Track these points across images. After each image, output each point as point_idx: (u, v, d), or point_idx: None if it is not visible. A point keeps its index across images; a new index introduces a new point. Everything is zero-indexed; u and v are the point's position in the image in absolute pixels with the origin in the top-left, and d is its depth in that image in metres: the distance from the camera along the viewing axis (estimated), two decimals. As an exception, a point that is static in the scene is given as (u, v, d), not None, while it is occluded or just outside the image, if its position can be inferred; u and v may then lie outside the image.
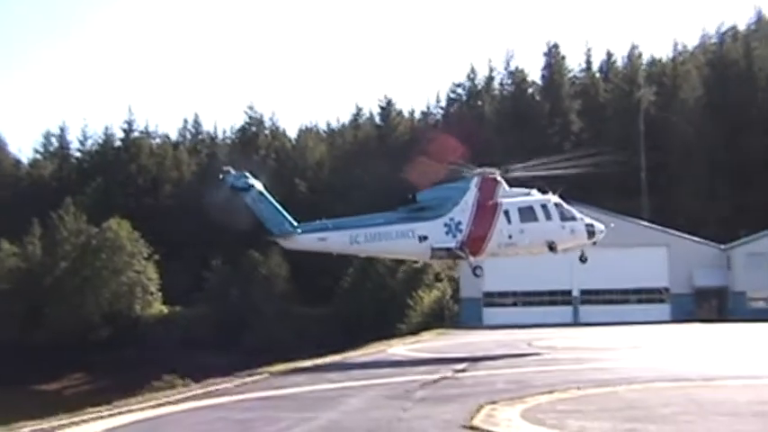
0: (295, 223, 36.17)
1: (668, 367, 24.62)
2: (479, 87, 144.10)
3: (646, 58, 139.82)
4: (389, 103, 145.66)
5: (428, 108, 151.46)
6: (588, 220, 37.73)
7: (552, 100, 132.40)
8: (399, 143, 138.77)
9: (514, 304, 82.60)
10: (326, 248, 38.54)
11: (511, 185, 37.83)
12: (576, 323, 77.08)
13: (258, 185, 36.18)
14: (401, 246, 36.29)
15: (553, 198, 37.04)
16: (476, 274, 38.28)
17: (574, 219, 36.87)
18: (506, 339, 46.59)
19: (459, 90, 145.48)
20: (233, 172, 36.22)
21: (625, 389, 19.04)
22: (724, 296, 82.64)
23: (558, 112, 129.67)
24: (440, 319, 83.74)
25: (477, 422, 14.26)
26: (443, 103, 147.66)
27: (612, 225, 40.38)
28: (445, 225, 35.69)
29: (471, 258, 36.40)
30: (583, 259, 38.16)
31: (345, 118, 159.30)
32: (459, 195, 36.43)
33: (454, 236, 35.61)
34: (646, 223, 69.19)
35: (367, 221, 36.91)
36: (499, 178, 37.21)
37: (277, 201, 36.61)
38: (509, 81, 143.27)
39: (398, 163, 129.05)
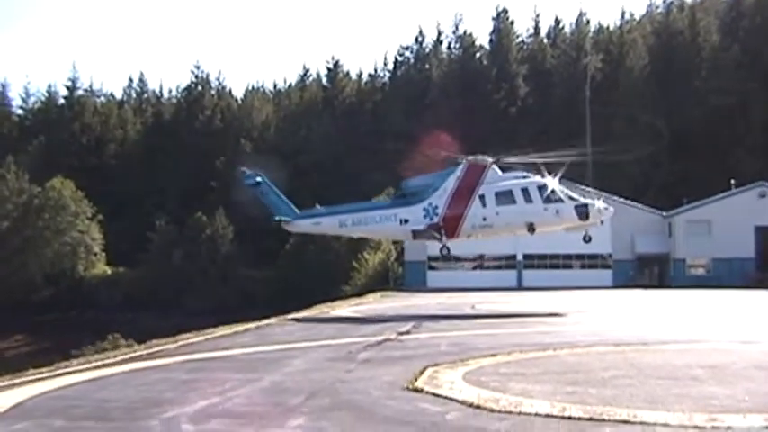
0: (297, 211, 42.67)
1: (609, 332, 24.89)
2: (427, 50, 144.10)
3: (593, 26, 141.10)
4: (336, 64, 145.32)
5: (375, 70, 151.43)
6: (583, 202, 39.00)
7: (500, 64, 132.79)
8: (346, 105, 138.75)
9: (459, 268, 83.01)
10: (320, 231, 47.22)
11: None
12: (519, 287, 77.81)
13: (266, 181, 43.10)
14: (385, 228, 41.09)
15: (546, 181, 38.91)
16: (442, 253, 41.78)
17: (560, 201, 38.47)
18: (450, 302, 46.88)
19: (407, 53, 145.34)
20: (247, 172, 43.62)
21: (567, 353, 19.22)
22: (665, 263, 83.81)
23: (505, 77, 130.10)
24: (384, 281, 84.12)
25: (419, 384, 14.33)
26: (391, 66, 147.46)
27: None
28: (424, 209, 39.51)
29: (445, 239, 39.73)
30: (586, 239, 40.00)
31: (292, 78, 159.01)
32: (441, 183, 39.90)
33: (431, 219, 39.32)
34: (590, 189, 69.83)
35: (355, 207, 42.34)
36: (490, 165, 39.71)
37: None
38: (457, 45, 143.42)
39: (344, 124, 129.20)
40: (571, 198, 38.89)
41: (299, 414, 11.92)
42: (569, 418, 11.16)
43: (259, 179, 43.17)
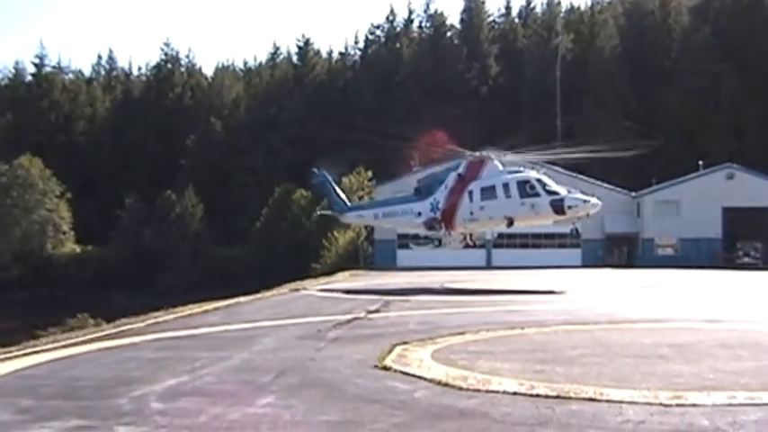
0: (349, 204, 51.00)
1: (577, 311, 25.07)
2: (398, 29, 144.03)
3: (564, 6, 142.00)
4: (307, 42, 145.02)
5: (346, 49, 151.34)
6: (559, 197, 39.87)
7: (471, 44, 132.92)
8: (316, 83, 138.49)
9: (428, 246, 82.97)
10: (363, 222, 58.31)
11: None
12: (488, 266, 78.02)
13: (329, 179, 51.38)
14: (405, 220, 46.06)
15: (534, 174, 41.00)
16: (434, 244, 49.33)
17: (536, 195, 39.97)
18: (419, 281, 47.02)
19: (378, 32, 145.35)
20: (316, 171, 52.72)
21: (535, 331, 19.34)
22: (633, 243, 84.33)
23: (476, 57, 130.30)
24: (354, 260, 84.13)
25: (388, 362, 14.39)
26: (362, 44, 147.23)
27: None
28: (430, 204, 43.58)
29: (443, 231, 44.04)
30: (572, 232, 44.48)
31: (263, 56, 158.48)
32: (445, 178, 43.78)
33: (435, 212, 43.33)
34: (560, 169, 69.73)
35: (386, 202, 49.52)
36: (491, 159, 42.69)
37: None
38: (428, 24, 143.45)
39: (315, 103, 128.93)
40: (550, 193, 39.79)
41: (269, 392, 11.95)
42: (537, 395, 11.25)
43: (321, 179, 51.88)
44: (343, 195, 51.56)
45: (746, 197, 78.88)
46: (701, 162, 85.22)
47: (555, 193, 39.73)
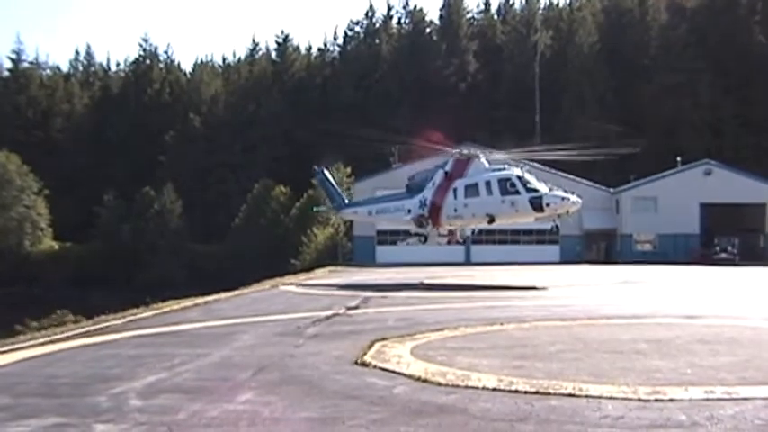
0: (346, 201, 52.88)
1: (556, 307, 25.17)
2: (377, 25, 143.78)
3: (543, 3, 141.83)
4: (286, 38, 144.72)
5: (325, 45, 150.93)
6: (538, 194, 39.86)
7: (450, 40, 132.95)
8: (295, 80, 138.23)
9: (407, 243, 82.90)
10: (357, 218, 56.99)
11: None
12: (468, 263, 78.10)
13: (327, 176, 53.56)
14: (397, 217, 46.69)
15: (516, 172, 41.09)
16: (419, 240, 48.57)
17: (517, 193, 40.06)
18: (399, 277, 47.02)
19: (357, 28, 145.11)
20: (316, 168, 55.24)
21: (514, 327, 19.41)
22: (612, 239, 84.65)
23: (455, 53, 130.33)
24: (333, 256, 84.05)
25: (367, 358, 14.42)
26: (340, 41, 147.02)
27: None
28: (419, 201, 44.10)
29: (429, 227, 44.69)
30: (552, 230, 43.80)
31: (241, 52, 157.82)
32: (434, 176, 44.07)
33: (423, 209, 43.85)
34: (538, 165, 69.77)
35: (380, 199, 50.31)
36: (478, 157, 42.91)
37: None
38: (407, 20, 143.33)
39: (294, 99, 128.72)
40: (530, 190, 39.82)
41: (248, 389, 11.95)
42: (516, 391, 11.30)
43: (321, 176, 54.06)
44: (341, 192, 53.87)
45: (724, 193, 79.40)
46: (679, 158, 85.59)
47: (535, 190, 39.76)
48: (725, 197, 79.46)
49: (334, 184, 54.27)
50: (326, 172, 54.39)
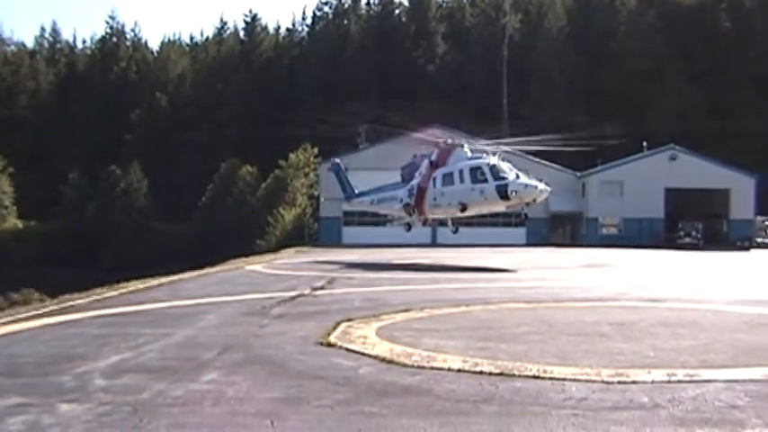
0: (355, 192, 55.24)
1: (521, 289, 25.28)
2: (346, 6, 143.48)
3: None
4: (254, 18, 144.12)
5: (293, 25, 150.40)
6: (504, 182, 40.09)
7: (418, 22, 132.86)
8: (263, 59, 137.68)
9: (374, 224, 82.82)
10: (362, 208, 57.87)
11: None
12: (434, 244, 78.18)
13: (341, 169, 57.47)
14: (392, 206, 48.83)
15: (489, 161, 41.61)
16: (405, 228, 50.40)
17: (485, 181, 40.54)
18: (365, 258, 47.08)
19: (326, 8, 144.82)
20: (333, 161, 60.17)
21: (479, 309, 19.47)
22: (578, 222, 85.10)
23: (423, 35, 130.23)
24: (300, 237, 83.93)
25: (332, 339, 14.43)
26: (309, 21, 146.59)
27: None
28: (408, 190, 45.90)
29: (415, 215, 46.60)
30: (521, 216, 46.56)
31: (209, 31, 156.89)
32: (421, 166, 45.42)
33: (410, 198, 45.69)
34: (506, 148, 69.68)
35: (380, 189, 51.14)
36: (461, 147, 44.02)
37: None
38: (376, 1, 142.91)
39: (262, 79, 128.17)
40: (497, 178, 40.15)
41: (212, 369, 11.93)
42: (481, 373, 11.35)
43: (335, 169, 58.19)
44: (351, 184, 56.52)
45: (689, 179, 79.96)
46: (645, 143, 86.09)
47: (502, 178, 39.92)
48: (690, 182, 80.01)
49: (347, 176, 57.36)
50: (341, 164, 58.42)
